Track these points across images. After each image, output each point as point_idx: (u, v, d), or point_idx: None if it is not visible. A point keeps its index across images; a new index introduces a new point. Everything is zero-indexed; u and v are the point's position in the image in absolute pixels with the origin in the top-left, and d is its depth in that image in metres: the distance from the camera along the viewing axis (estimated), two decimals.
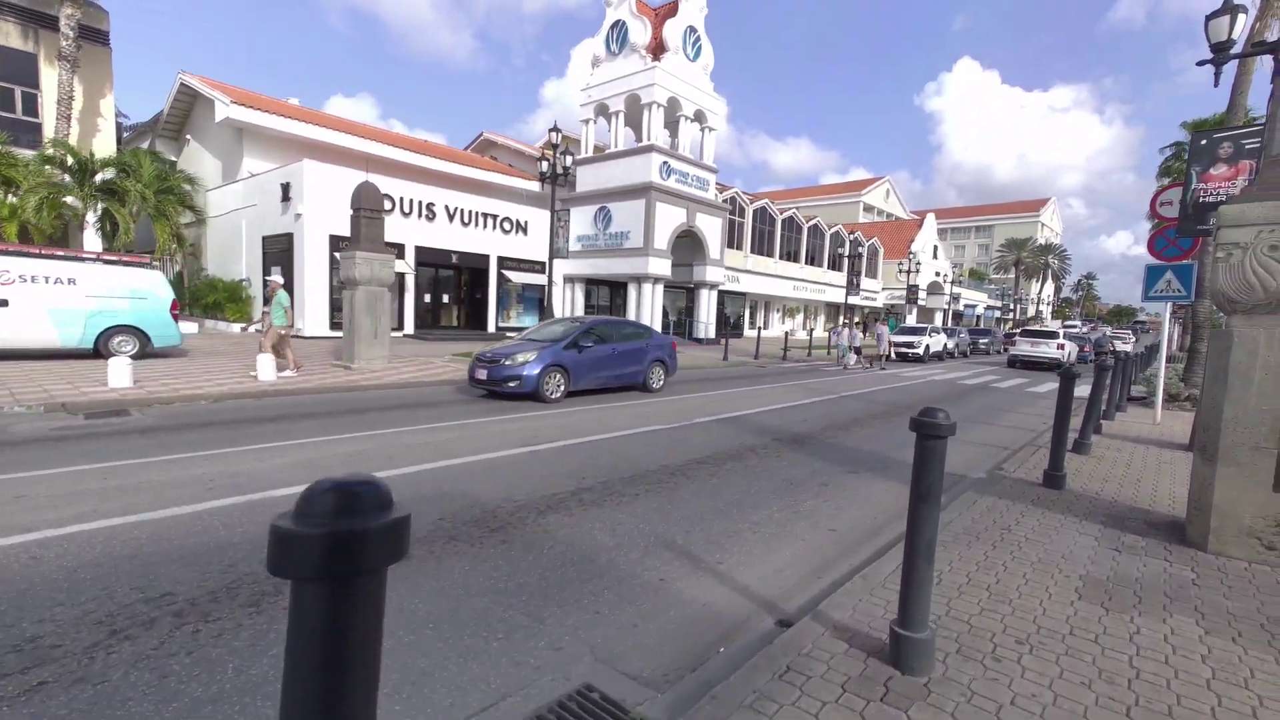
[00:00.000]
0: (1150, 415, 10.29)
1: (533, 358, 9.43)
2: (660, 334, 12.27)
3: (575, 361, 9.97)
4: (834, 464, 6.41)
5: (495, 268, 23.52)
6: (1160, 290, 9.36)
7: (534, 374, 9.27)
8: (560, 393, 9.68)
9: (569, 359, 9.89)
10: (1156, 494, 5.31)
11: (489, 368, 9.53)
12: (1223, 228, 3.75)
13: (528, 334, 11.21)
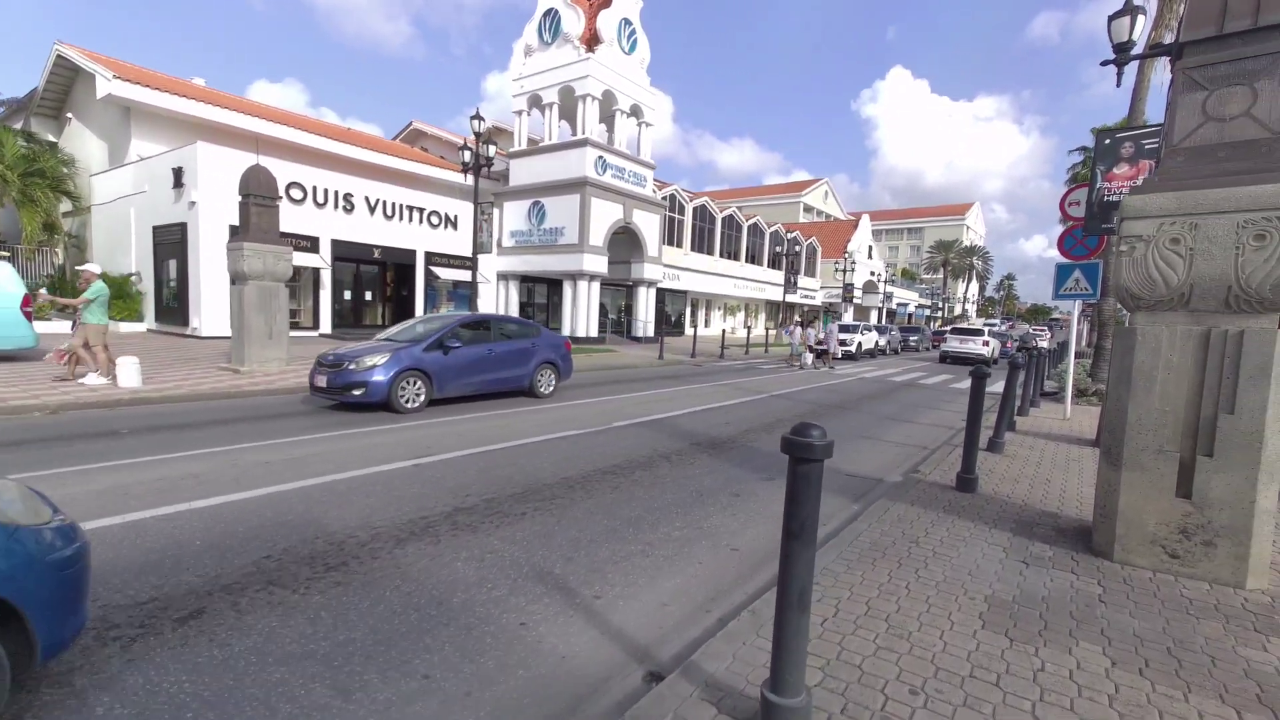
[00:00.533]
0: (1061, 410, 10.57)
1: (383, 361, 7.99)
2: (551, 332, 11.02)
3: (440, 365, 8.56)
4: (750, 470, 6.06)
5: (423, 263, 22.33)
6: (1069, 289, 9.58)
7: (384, 380, 7.87)
8: (420, 402, 8.30)
9: (431, 362, 8.45)
10: (1065, 495, 5.21)
11: (329, 373, 8.05)
12: (1125, 220, 3.56)
13: (387, 333, 9.71)
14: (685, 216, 33.76)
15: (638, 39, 24.38)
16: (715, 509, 4.81)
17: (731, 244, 38.83)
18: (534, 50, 23.99)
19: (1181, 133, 3.57)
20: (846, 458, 6.85)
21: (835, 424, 9.04)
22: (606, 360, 17.26)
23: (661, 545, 3.99)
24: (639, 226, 25.40)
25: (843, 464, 6.56)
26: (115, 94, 17.05)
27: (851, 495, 5.39)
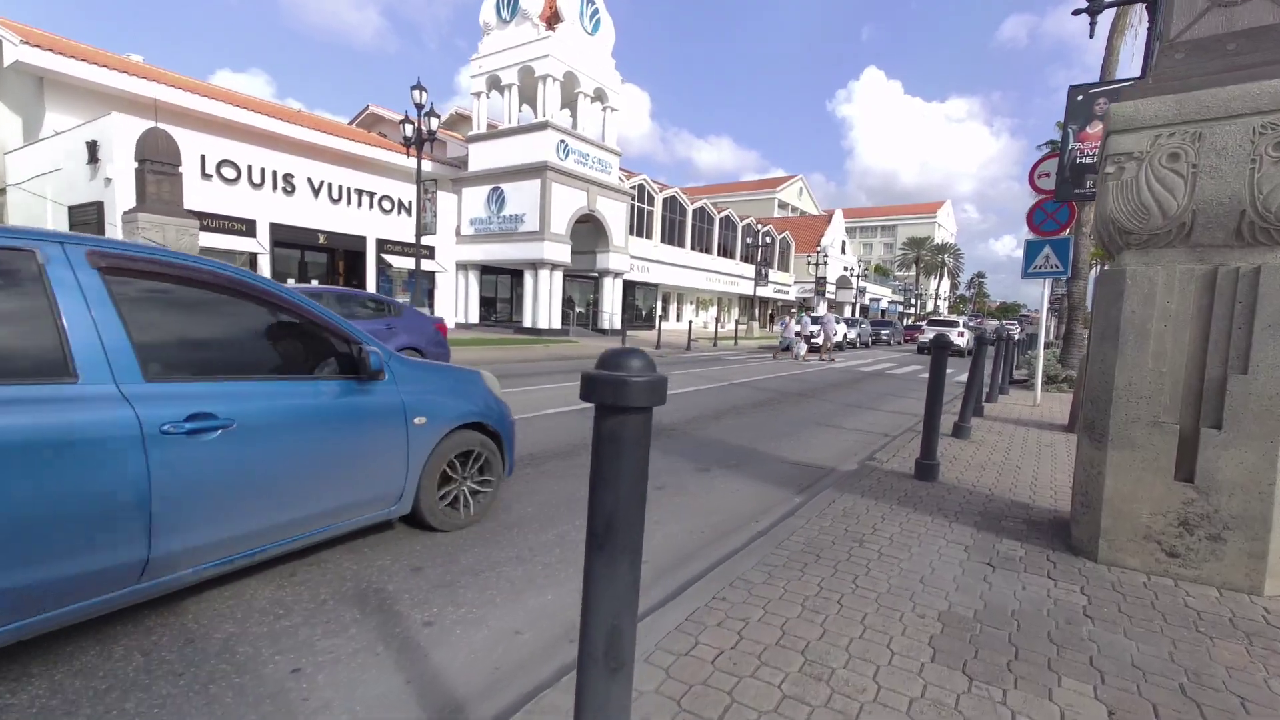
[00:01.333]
0: (1031, 397, 10.04)
1: None
2: (419, 313, 9.01)
3: None
4: (686, 460, 5.27)
5: (374, 251, 21.14)
6: (1039, 266, 9.02)
7: None
8: None
9: None
10: (1037, 482, 4.53)
11: None
12: (1112, 134, 2.85)
13: None
14: (655, 208, 32.98)
15: (601, 20, 23.48)
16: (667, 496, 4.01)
17: (703, 237, 38.19)
18: (492, 28, 22.94)
19: (1180, 24, 2.86)
20: (798, 445, 6.12)
21: (794, 411, 8.33)
22: (562, 351, 16.40)
23: (544, 551, 3.17)
24: (604, 215, 24.53)
25: (792, 451, 5.82)
26: (23, 60, 15.55)
27: (795, 487, 4.64)
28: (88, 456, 1.88)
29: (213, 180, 16.62)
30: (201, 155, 16.30)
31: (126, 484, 1.97)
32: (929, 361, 4.72)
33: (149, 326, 2.16)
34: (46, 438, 1.80)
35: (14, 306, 1.88)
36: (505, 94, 22.83)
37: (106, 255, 2.08)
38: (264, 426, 2.36)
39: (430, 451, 3.09)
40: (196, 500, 2.15)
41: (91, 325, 1.97)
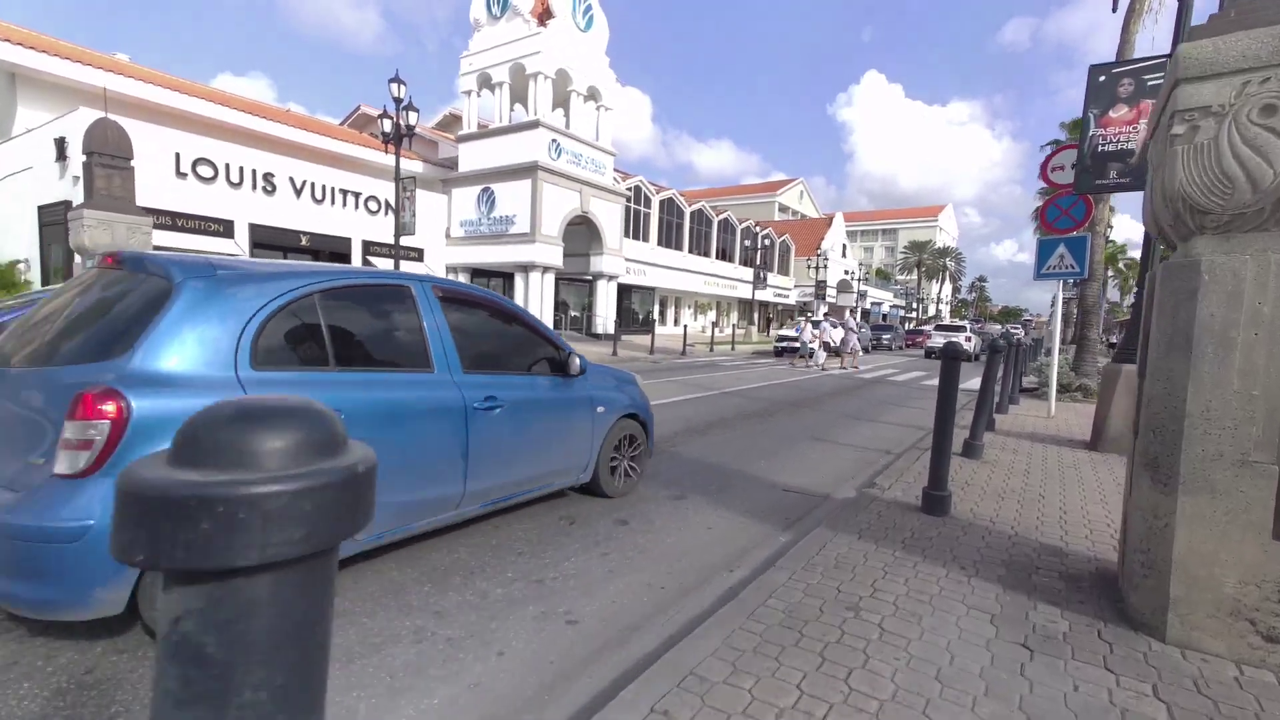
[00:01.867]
0: (1043, 407, 9.35)
1: None
2: None
3: None
4: (659, 485, 4.60)
5: (360, 252, 20.54)
6: (1053, 267, 8.34)
7: None
8: None
9: None
10: (1067, 516, 3.85)
11: None
12: (1182, 84, 2.18)
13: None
14: (652, 210, 32.41)
15: (594, 17, 22.91)
16: (583, 544, 3.33)
17: (701, 240, 37.58)
18: (482, 25, 22.37)
19: None
20: (789, 465, 5.44)
21: (788, 423, 7.66)
22: None
23: (467, 611, 2.50)
24: (597, 216, 23.91)
25: (782, 473, 5.14)
26: None
27: (782, 521, 3.96)
28: (440, 419, 2.84)
29: (188, 179, 16.01)
30: (176, 153, 15.70)
31: (458, 440, 2.91)
32: (935, 369, 4.00)
33: (462, 335, 3.12)
34: (420, 405, 2.78)
35: (400, 321, 2.89)
36: (496, 92, 22.25)
37: (442, 288, 3.13)
38: (519, 408, 3.30)
39: (605, 434, 4.01)
40: (486, 457, 3.07)
41: (438, 334, 2.98)
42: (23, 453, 2.09)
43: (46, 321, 2.42)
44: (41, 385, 2.16)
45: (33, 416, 2.12)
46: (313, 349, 2.53)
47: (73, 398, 1.93)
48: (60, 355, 2.23)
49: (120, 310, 2.28)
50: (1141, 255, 5.93)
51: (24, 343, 2.38)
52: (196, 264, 2.37)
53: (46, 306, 2.52)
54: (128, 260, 2.43)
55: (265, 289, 2.41)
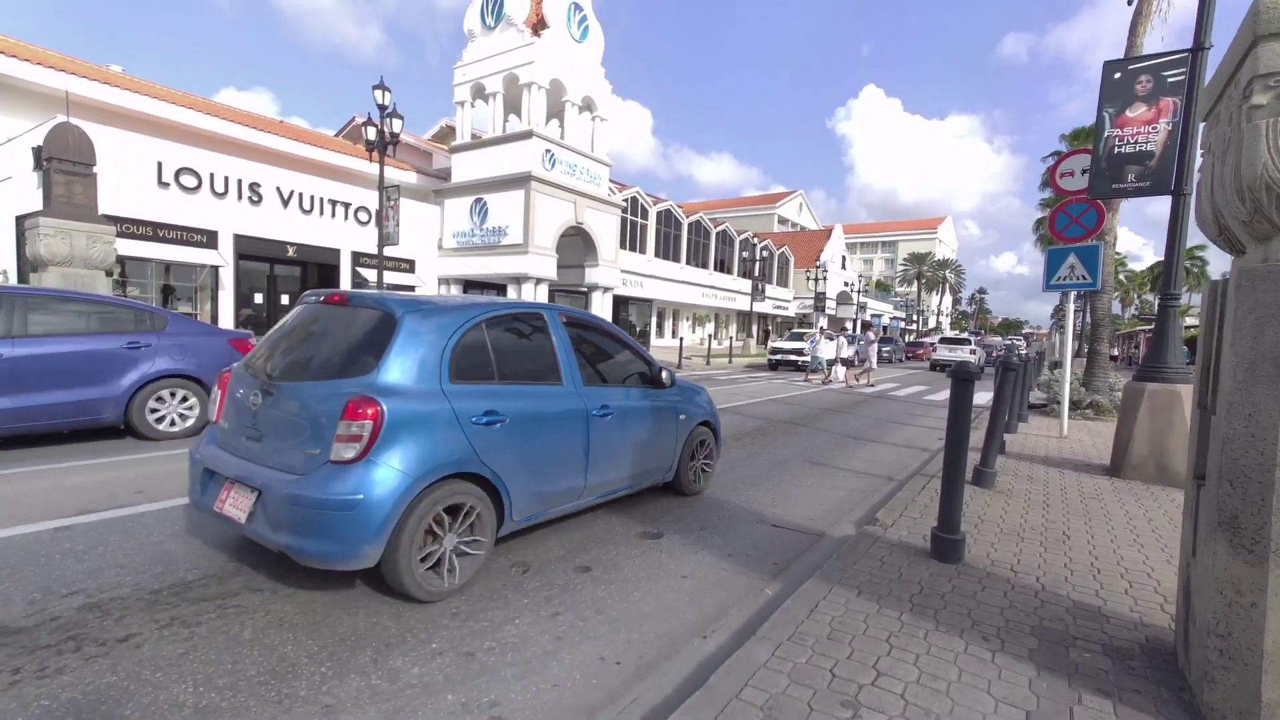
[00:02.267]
0: (1054, 426, 8.85)
1: None
2: (198, 327, 6.63)
3: None
4: (633, 520, 4.09)
5: (349, 264, 20.12)
6: (1063, 277, 7.88)
7: None
8: None
9: None
10: (1099, 563, 3.34)
11: None
12: (1266, 40, 1.71)
13: None
14: (649, 221, 32.11)
15: (590, 27, 22.71)
16: (530, 604, 2.82)
17: (700, 251, 37.26)
18: (476, 35, 22.15)
19: None
20: (781, 495, 4.92)
21: (781, 444, 7.14)
22: None
23: (351, 709, 1.99)
24: (592, 228, 23.54)
25: (772, 504, 4.63)
26: None
27: (770, 566, 3.44)
28: (570, 424, 3.46)
29: (170, 188, 15.64)
30: (158, 162, 15.35)
31: (582, 441, 3.51)
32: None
33: (580, 354, 3.73)
34: (557, 412, 3.40)
35: (538, 344, 3.54)
36: (490, 102, 21.96)
37: (565, 314, 3.76)
38: (624, 415, 3.85)
39: (686, 438, 4.50)
40: (601, 455, 3.65)
41: (566, 354, 3.61)
42: (299, 445, 2.70)
43: (291, 345, 3.13)
44: (310, 395, 2.77)
45: (305, 419, 2.73)
46: (484, 367, 3.12)
47: (343, 404, 2.58)
48: (319, 372, 2.90)
49: (358, 337, 2.92)
50: (1165, 266, 5.46)
51: (280, 362, 3.04)
52: (408, 301, 3.01)
53: (286, 331, 3.22)
54: (352, 298, 3.10)
55: (454, 319, 3.05)
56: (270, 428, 2.85)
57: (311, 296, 3.28)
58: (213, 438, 3.14)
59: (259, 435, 2.87)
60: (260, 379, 2.95)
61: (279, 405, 2.83)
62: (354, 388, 2.66)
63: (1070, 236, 7.87)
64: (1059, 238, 8.00)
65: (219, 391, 3.20)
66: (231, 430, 3.03)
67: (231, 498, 2.77)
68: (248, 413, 2.93)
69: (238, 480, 2.78)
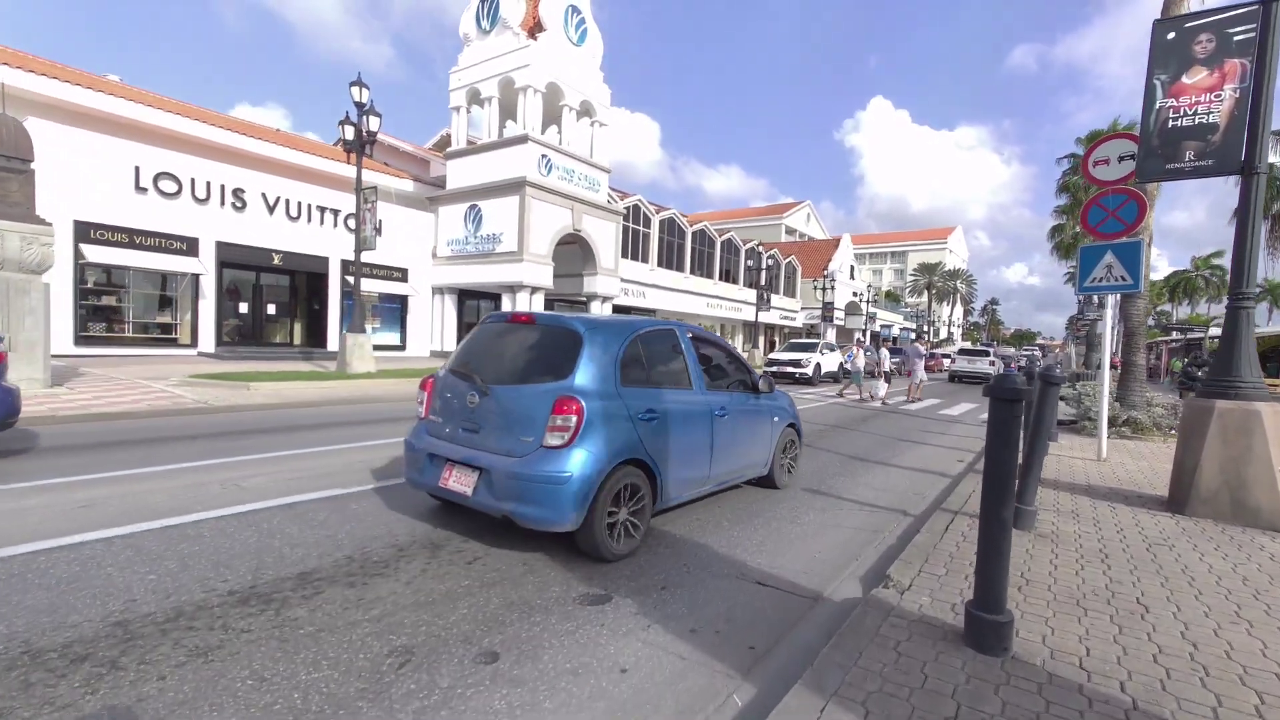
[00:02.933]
0: (1088, 446, 7.88)
1: None
2: None
3: None
4: (577, 575, 3.22)
5: (338, 272, 19.50)
6: (1099, 279, 6.96)
7: None
8: None
9: None
10: (1201, 654, 2.42)
11: None
12: None
13: None
14: (651, 230, 31.39)
15: (588, 31, 22.16)
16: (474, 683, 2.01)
17: (704, 261, 36.47)
18: (472, 40, 21.66)
19: None
20: (771, 536, 4.03)
21: None
22: None
23: None
24: (591, 235, 22.83)
25: (759, 549, 3.73)
26: None
27: (744, 653, 2.54)
28: (701, 421, 4.09)
29: (148, 194, 15.08)
30: (135, 166, 14.81)
31: (708, 436, 4.16)
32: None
33: (704, 364, 4.45)
34: (691, 411, 4.02)
35: (674, 355, 4.18)
36: (485, 107, 21.41)
37: (691, 331, 4.46)
38: (736, 416, 4.53)
39: (778, 438, 5.23)
40: (720, 449, 4.29)
41: (693, 364, 4.27)
42: (516, 434, 3.39)
43: (490, 356, 3.79)
44: (522, 396, 3.48)
45: (519, 414, 3.42)
46: (639, 373, 3.76)
47: (551, 402, 3.31)
48: (525, 377, 3.59)
49: (550, 350, 3.61)
50: (1234, 259, 4.55)
51: (487, 370, 3.67)
52: (584, 320, 3.73)
53: (479, 345, 3.88)
54: (539, 319, 3.81)
55: (620, 334, 3.73)
56: (487, 421, 3.50)
57: (496, 315, 3.99)
58: (425, 430, 3.83)
59: (476, 427, 3.53)
60: (472, 383, 3.60)
61: (494, 404, 3.48)
62: (557, 389, 3.33)
63: (1106, 232, 6.96)
64: (1093, 233, 7.09)
65: (424, 393, 3.91)
66: (445, 424, 3.69)
67: (455, 476, 3.47)
68: (464, 410, 3.59)
69: (460, 462, 3.47)
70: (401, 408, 9.22)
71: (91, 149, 14.09)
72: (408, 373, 13.22)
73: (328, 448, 6.10)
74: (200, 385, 9.49)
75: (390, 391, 10.84)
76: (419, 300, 21.95)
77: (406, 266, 21.47)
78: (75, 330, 14.11)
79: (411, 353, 21.99)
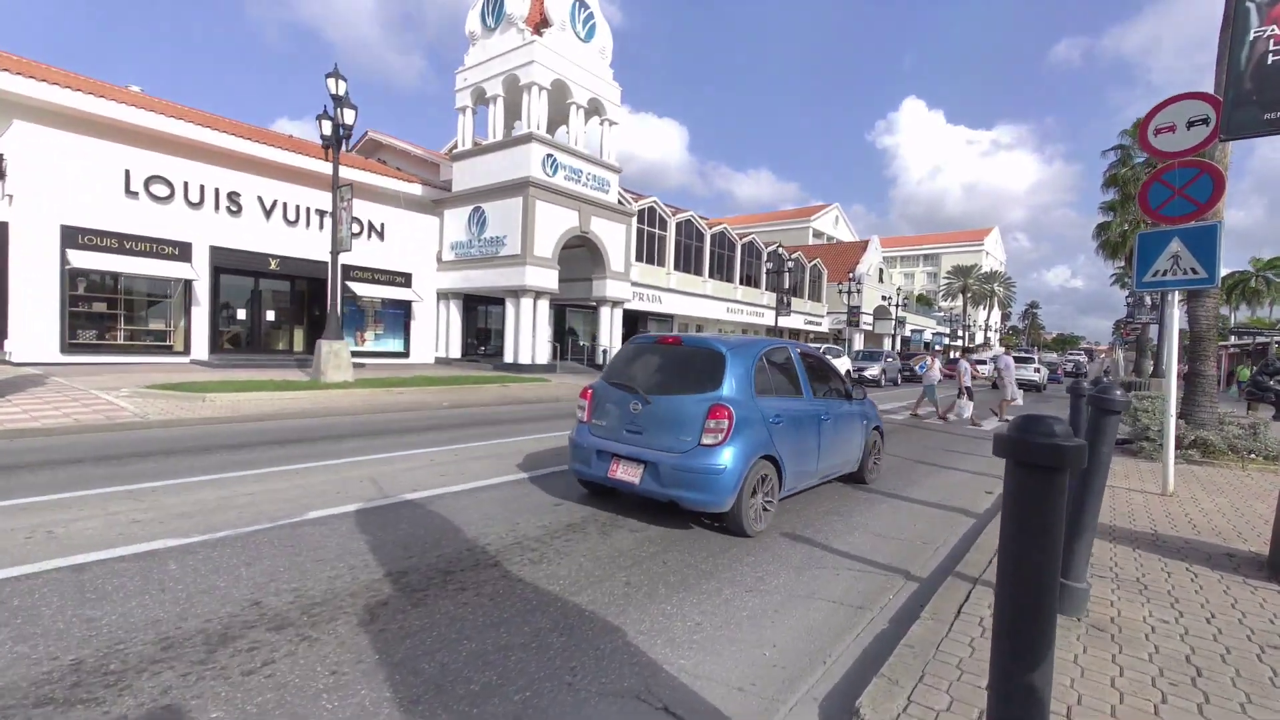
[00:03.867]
0: (1148, 474, 6.56)
1: None
2: None
3: None
4: (412, 684, 2.24)
5: (340, 278, 18.98)
6: (1161, 272, 5.70)
7: None
8: None
9: None
10: None
11: None
12: None
13: None
14: (668, 232, 30.40)
15: (596, 26, 21.36)
16: None
17: (724, 264, 35.28)
18: (478, 38, 21.09)
19: None
20: (717, 614, 2.97)
21: None
22: (515, 393, 13.52)
23: None
24: (600, 237, 21.96)
25: (686, 648, 2.66)
26: None
27: None
28: (810, 424, 4.89)
29: (139, 198, 14.78)
30: (126, 170, 14.51)
31: (816, 437, 4.94)
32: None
33: (810, 374, 5.27)
34: (804, 415, 4.85)
35: (789, 368, 5.01)
36: (491, 107, 20.78)
37: (800, 348, 5.32)
38: (836, 419, 5.32)
39: (865, 438, 5.99)
40: (825, 448, 5.09)
41: (803, 375, 5.11)
42: (676, 434, 4.19)
43: (646, 370, 4.64)
44: (682, 404, 4.26)
45: (679, 419, 4.22)
46: (766, 384, 4.62)
47: (707, 409, 4.12)
48: (681, 389, 4.36)
49: (699, 366, 4.43)
50: None
51: (644, 382, 4.51)
52: (723, 341, 4.60)
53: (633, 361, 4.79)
54: (686, 340, 4.70)
55: (751, 353, 4.61)
56: (650, 425, 4.33)
57: (645, 337, 4.87)
58: (588, 431, 4.65)
59: (640, 430, 4.36)
60: (635, 394, 4.44)
61: (656, 410, 4.32)
62: (711, 399, 4.20)
63: (1171, 215, 5.69)
64: (1155, 217, 5.83)
65: (585, 401, 4.77)
66: (610, 427, 4.53)
67: (622, 469, 4.33)
68: (628, 415, 4.43)
69: (627, 457, 4.32)
70: (361, 422, 8.41)
71: (80, 152, 13.83)
72: (386, 382, 12.48)
73: (239, 473, 5.26)
74: (151, 397, 8.86)
75: (360, 404, 10.08)
76: (423, 307, 21.36)
77: (410, 271, 20.92)
78: (63, 338, 13.81)
79: (416, 359, 21.43)
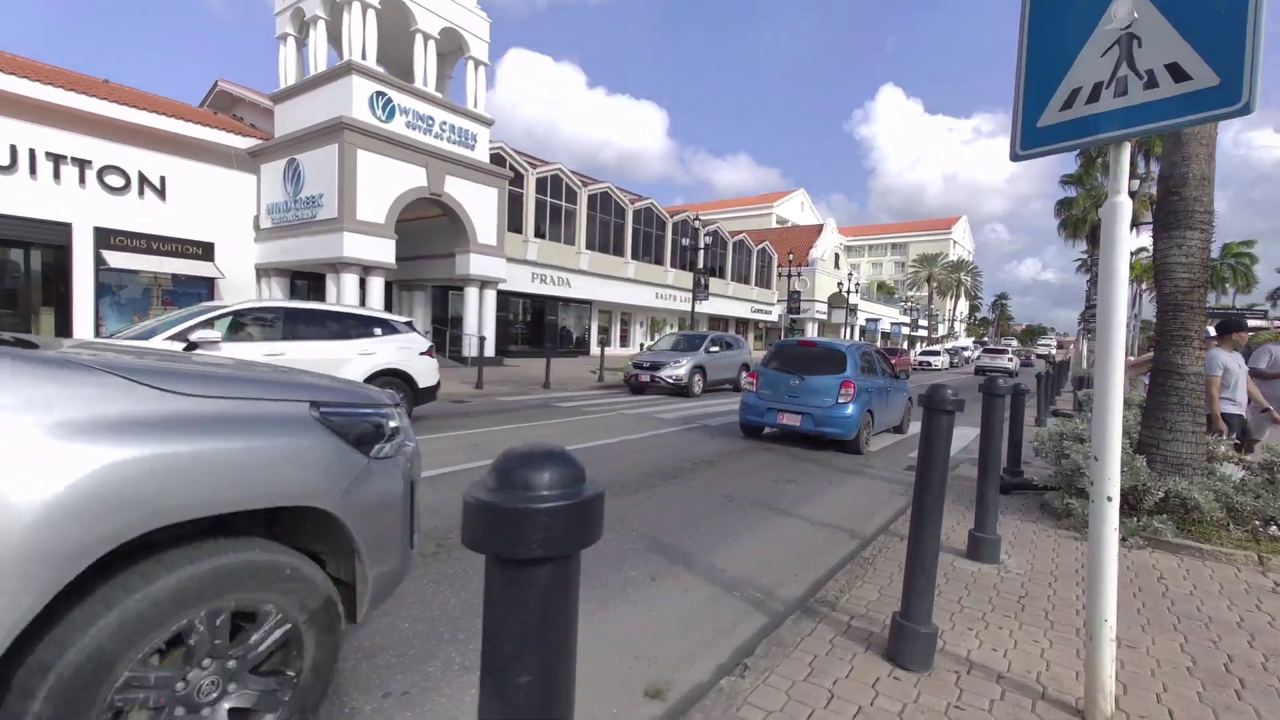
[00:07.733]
0: (1064, 570, 2.92)
1: None
2: None
3: None
4: None
5: (90, 247, 14.71)
6: (1087, 91, 2.03)
7: None
8: None
9: None
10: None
11: None
12: None
13: None
14: (578, 206, 26.55)
15: None
16: None
17: (650, 245, 31.56)
18: None
19: None
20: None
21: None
22: None
23: None
24: (462, 202, 17.97)
25: None
26: None
27: None
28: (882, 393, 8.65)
29: None
30: None
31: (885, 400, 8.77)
32: None
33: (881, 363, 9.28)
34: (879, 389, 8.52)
35: (869, 356, 8.82)
36: (312, 31, 16.56)
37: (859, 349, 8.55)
38: (893, 391, 9.18)
39: (907, 407, 9.87)
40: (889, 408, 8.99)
41: (878, 364, 9.01)
42: (820, 397, 7.66)
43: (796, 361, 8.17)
44: (824, 381, 7.69)
45: (823, 390, 7.66)
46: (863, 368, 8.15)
47: (840, 383, 7.60)
48: (822, 371, 7.80)
49: (830, 358, 7.98)
50: None
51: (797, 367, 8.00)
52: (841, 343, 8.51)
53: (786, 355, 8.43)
54: (819, 343, 8.52)
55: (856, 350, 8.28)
56: (803, 393, 7.73)
57: (790, 341, 8.95)
58: (756, 398, 8.15)
59: (796, 395, 7.77)
60: (794, 374, 7.88)
61: (807, 384, 7.72)
62: (841, 378, 7.58)
63: None
64: None
65: (751, 379, 8.60)
66: (773, 395, 7.98)
67: (786, 417, 7.71)
68: (788, 388, 7.86)
69: (789, 410, 7.71)
70: None
71: None
72: None
73: None
74: None
75: None
76: (231, 285, 17.09)
77: (211, 240, 16.67)
78: None
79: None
